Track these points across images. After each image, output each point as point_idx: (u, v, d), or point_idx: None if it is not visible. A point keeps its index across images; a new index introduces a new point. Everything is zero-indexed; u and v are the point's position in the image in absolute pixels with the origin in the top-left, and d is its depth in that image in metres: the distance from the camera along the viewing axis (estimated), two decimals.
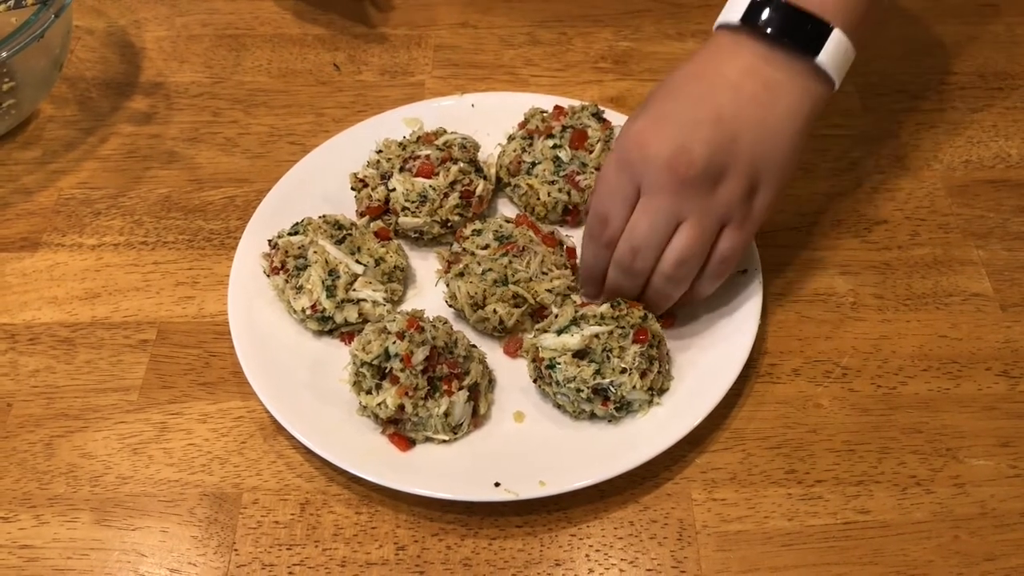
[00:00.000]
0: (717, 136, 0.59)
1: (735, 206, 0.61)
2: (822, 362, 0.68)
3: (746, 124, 0.60)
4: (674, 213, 0.60)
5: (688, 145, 0.59)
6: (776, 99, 0.60)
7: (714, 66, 0.62)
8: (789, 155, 0.61)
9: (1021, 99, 0.85)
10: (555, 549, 0.59)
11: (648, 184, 0.60)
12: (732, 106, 0.60)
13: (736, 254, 0.63)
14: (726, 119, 0.59)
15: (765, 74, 0.60)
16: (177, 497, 0.62)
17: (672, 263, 0.61)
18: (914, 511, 0.60)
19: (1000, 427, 0.64)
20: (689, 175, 0.59)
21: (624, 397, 0.61)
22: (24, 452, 0.64)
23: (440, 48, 0.91)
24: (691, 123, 0.60)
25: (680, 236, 0.61)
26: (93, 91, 0.88)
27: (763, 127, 0.60)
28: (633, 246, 0.62)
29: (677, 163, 0.59)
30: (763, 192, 0.61)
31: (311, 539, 0.60)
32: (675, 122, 0.60)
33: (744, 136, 0.60)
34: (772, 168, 0.61)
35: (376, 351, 0.61)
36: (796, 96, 0.61)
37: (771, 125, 0.60)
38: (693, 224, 0.60)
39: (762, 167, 0.61)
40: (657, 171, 0.59)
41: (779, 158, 0.61)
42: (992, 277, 0.72)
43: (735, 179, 0.60)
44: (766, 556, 0.59)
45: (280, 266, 0.68)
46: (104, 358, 0.69)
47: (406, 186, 0.72)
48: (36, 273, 0.74)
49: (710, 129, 0.59)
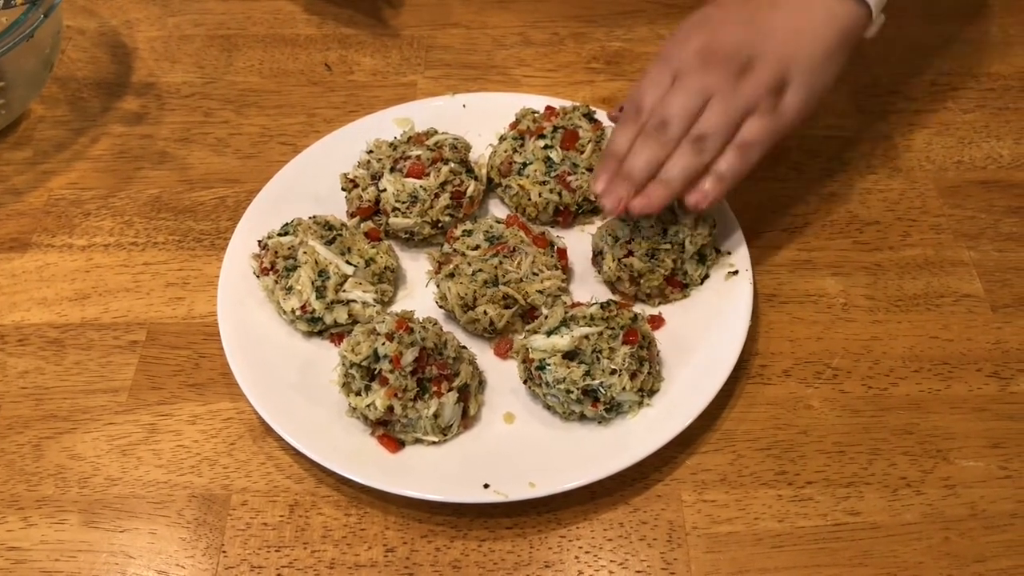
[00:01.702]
0: (748, 31, 0.65)
1: (761, 95, 0.64)
2: (813, 363, 0.67)
3: (779, 25, 0.65)
4: (702, 91, 0.64)
5: (719, 33, 0.65)
6: (808, 10, 0.65)
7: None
8: (821, 58, 0.65)
9: (1013, 100, 0.85)
10: (545, 551, 0.59)
11: (681, 70, 0.65)
12: (767, 12, 0.66)
13: (757, 141, 0.64)
14: (759, 20, 0.65)
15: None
16: (166, 499, 0.62)
17: (695, 134, 0.64)
18: (904, 512, 0.60)
19: (991, 428, 0.64)
20: (715, 57, 0.64)
21: (614, 398, 0.61)
22: (12, 454, 0.64)
23: (432, 48, 0.91)
24: (726, 22, 0.66)
25: (706, 111, 0.64)
26: (84, 91, 0.88)
27: (795, 29, 0.65)
28: (663, 117, 0.64)
29: (707, 49, 0.64)
30: (793, 90, 0.64)
31: (300, 541, 0.60)
32: (712, 23, 0.66)
33: (775, 34, 0.65)
34: (802, 66, 0.64)
35: (365, 352, 0.61)
36: (827, 10, 0.65)
37: (803, 28, 0.65)
38: (719, 101, 0.64)
39: (792, 64, 0.64)
40: (689, 57, 0.65)
41: (809, 58, 0.65)
42: (983, 278, 0.72)
43: (762, 69, 0.64)
44: (756, 558, 0.59)
45: (270, 267, 0.68)
46: (93, 359, 0.69)
47: (396, 187, 0.71)
48: (25, 274, 0.74)
49: (743, 26, 0.65)
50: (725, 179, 0.64)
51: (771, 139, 0.65)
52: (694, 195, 0.64)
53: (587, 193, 0.73)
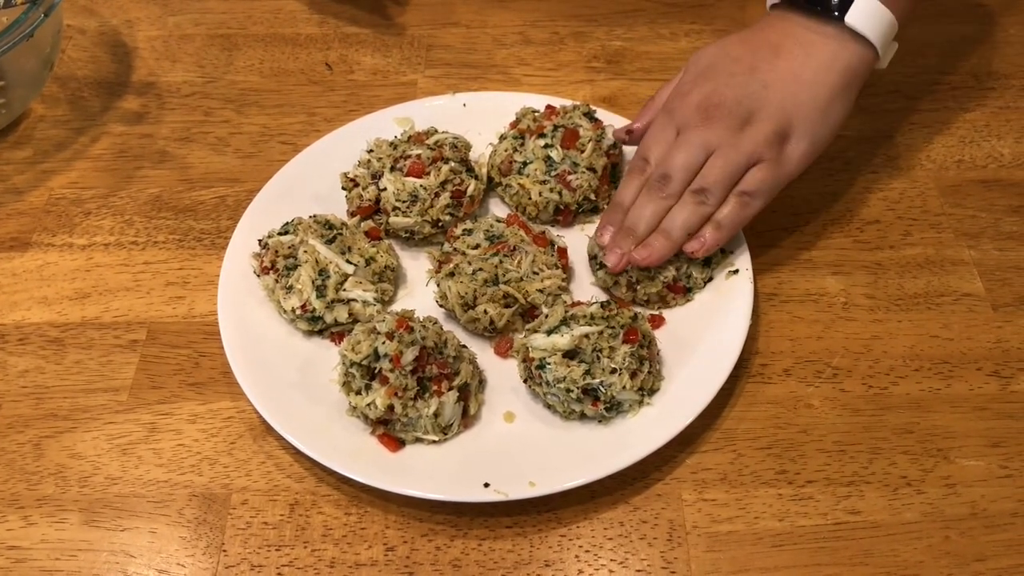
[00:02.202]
0: (749, 83, 0.66)
1: (763, 146, 0.65)
2: (813, 362, 0.67)
3: (779, 75, 0.66)
4: (704, 145, 0.66)
5: (719, 87, 0.66)
6: (810, 56, 0.66)
7: (758, 32, 0.69)
8: (822, 106, 0.66)
9: (1013, 99, 0.85)
10: (545, 550, 0.59)
11: (683, 124, 0.67)
12: (768, 61, 0.66)
13: (758, 191, 0.66)
14: (760, 71, 0.66)
15: (802, 37, 0.67)
16: (166, 498, 0.62)
17: (697, 187, 0.66)
18: (905, 512, 0.60)
19: (991, 427, 0.64)
20: (718, 113, 0.65)
21: (614, 397, 0.61)
22: (13, 453, 0.64)
23: (432, 48, 0.91)
24: (727, 75, 0.67)
25: (707, 165, 0.66)
26: (84, 91, 0.88)
27: (796, 78, 0.65)
28: (665, 172, 0.67)
29: (708, 102, 0.66)
30: (796, 140, 0.66)
31: (300, 540, 0.60)
32: (715, 76, 0.67)
33: (775, 85, 0.65)
34: (804, 117, 0.65)
35: (365, 351, 0.61)
36: (830, 53, 0.66)
37: (804, 77, 0.65)
38: (720, 155, 0.65)
39: (793, 115, 0.65)
40: (691, 111, 0.67)
41: (812, 106, 0.65)
42: (984, 277, 0.72)
43: (764, 122, 0.65)
44: (756, 557, 0.59)
45: (270, 266, 0.68)
46: (94, 358, 0.69)
47: (397, 186, 0.71)
48: (26, 273, 0.74)
49: (743, 78, 0.66)
50: (724, 228, 0.67)
51: (773, 189, 0.67)
52: (693, 243, 0.67)
53: (587, 192, 0.73)
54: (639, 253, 0.66)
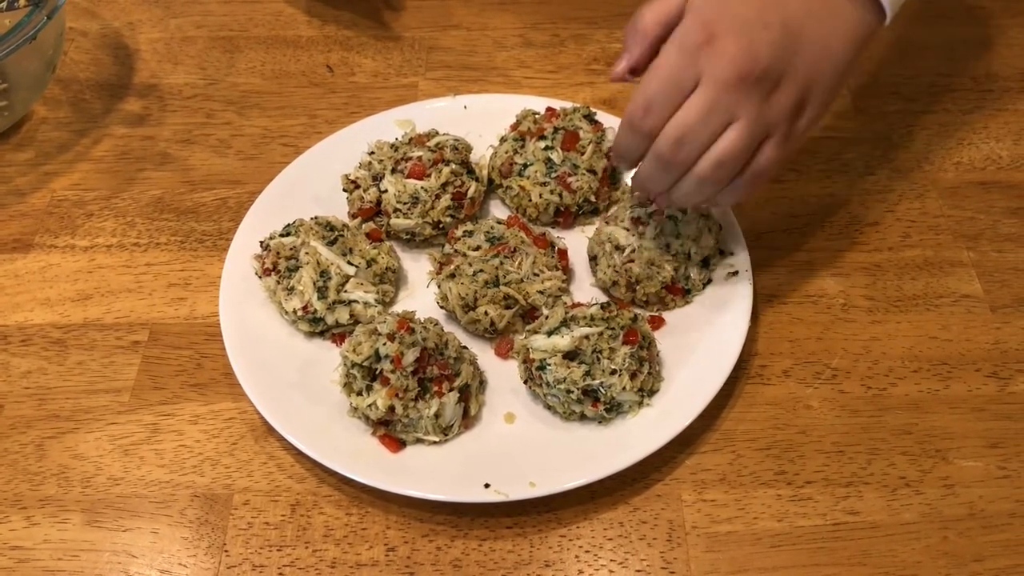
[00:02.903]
0: (783, 43, 0.59)
1: (782, 119, 0.60)
2: (812, 363, 0.68)
3: (809, 40, 0.60)
4: (728, 110, 0.58)
5: (756, 44, 0.58)
6: (837, 22, 0.61)
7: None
8: (839, 80, 0.62)
9: (1012, 101, 0.85)
10: (545, 550, 0.60)
11: (710, 76, 0.58)
12: (799, 17, 0.60)
13: (770, 171, 0.61)
14: (792, 29, 0.59)
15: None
16: (168, 498, 0.62)
17: (711, 162, 0.59)
18: (903, 512, 0.60)
19: (989, 428, 0.64)
20: (752, 75, 0.58)
21: (614, 398, 0.61)
22: (15, 453, 0.64)
23: (433, 50, 0.91)
24: (760, 23, 0.59)
25: (727, 136, 0.59)
26: (86, 93, 0.88)
27: (824, 47, 0.61)
28: (680, 136, 0.59)
29: (743, 60, 0.57)
30: (809, 110, 0.62)
31: (301, 540, 0.60)
32: (744, 17, 0.59)
33: (806, 51, 0.60)
34: (823, 88, 0.61)
35: (366, 352, 0.61)
36: (854, 22, 0.62)
37: (831, 46, 0.61)
38: (742, 126, 0.59)
39: (815, 85, 0.61)
40: (722, 64, 0.57)
41: (831, 79, 0.62)
42: (982, 278, 0.72)
43: (789, 90, 0.60)
44: (755, 557, 0.59)
45: (272, 267, 0.69)
46: (96, 359, 0.69)
47: (398, 187, 0.72)
48: (28, 274, 0.74)
49: (778, 34, 0.59)
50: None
51: (781, 166, 0.64)
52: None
53: (587, 194, 0.73)
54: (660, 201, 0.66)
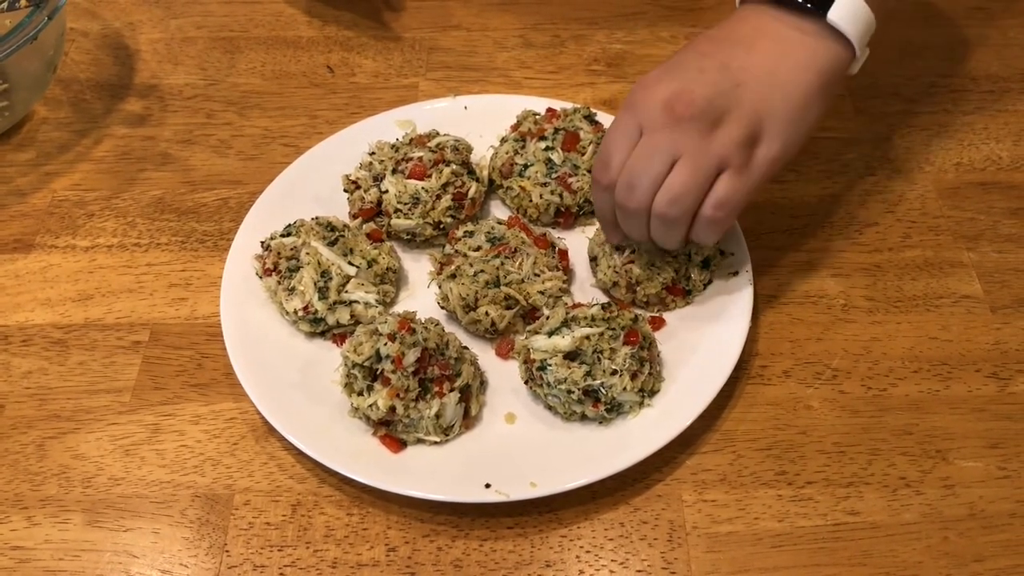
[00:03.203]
0: (720, 81, 0.60)
1: (733, 150, 0.60)
2: (813, 364, 0.68)
3: (753, 73, 0.60)
4: (670, 150, 0.60)
5: (689, 87, 0.60)
6: (787, 53, 0.61)
7: (729, 28, 0.63)
8: (798, 108, 0.61)
9: (1012, 102, 0.85)
10: (546, 550, 0.60)
11: (647, 124, 0.61)
12: (741, 58, 0.61)
13: (732, 200, 0.61)
14: (733, 68, 0.60)
15: (778, 33, 0.61)
16: (169, 498, 0.62)
17: (665, 201, 0.60)
18: (904, 512, 0.61)
19: (990, 428, 0.64)
20: (686, 113, 0.59)
21: (615, 399, 0.61)
22: (16, 453, 0.64)
23: (434, 51, 0.91)
24: (696, 71, 0.60)
25: (674, 173, 0.60)
26: (87, 93, 0.88)
27: (771, 77, 0.60)
28: (628, 182, 0.61)
29: (675, 102, 0.59)
30: (767, 143, 0.61)
31: (302, 540, 0.60)
32: (682, 70, 0.61)
33: (749, 84, 0.60)
34: (777, 118, 0.60)
35: (367, 353, 0.61)
36: (808, 52, 0.61)
37: (780, 76, 0.61)
38: (687, 161, 0.59)
39: (766, 116, 0.60)
40: (656, 110, 0.60)
41: (785, 109, 0.61)
42: (982, 279, 0.72)
43: (734, 123, 0.60)
44: (756, 557, 0.59)
45: (273, 268, 0.69)
46: (97, 359, 0.69)
47: (398, 188, 0.72)
48: (29, 275, 0.74)
49: (714, 75, 0.60)
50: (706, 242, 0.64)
51: (744, 197, 0.61)
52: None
53: (588, 195, 0.73)
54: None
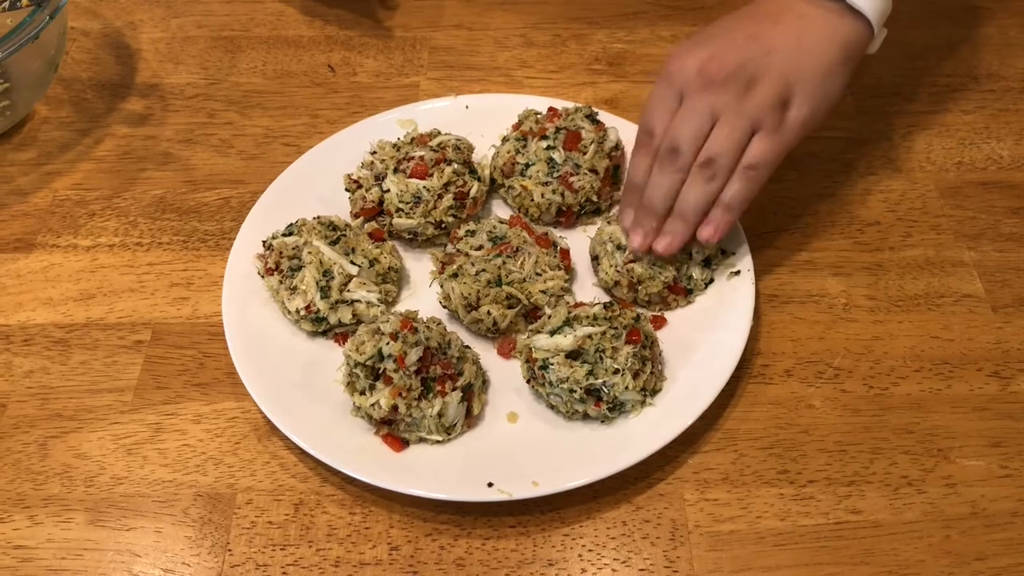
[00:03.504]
0: (750, 47, 0.64)
1: (767, 111, 0.64)
2: (814, 363, 0.68)
3: (781, 42, 0.64)
4: (709, 112, 0.64)
5: (721, 52, 0.64)
6: (810, 27, 0.65)
7: (754, 6, 0.68)
8: (823, 74, 0.65)
9: (1013, 101, 0.85)
10: (548, 549, 0.60)
11: (685, 89, 0.65)
12: (768, 30, 0.65)
13: (765, 161, 0.64)
14: (761, 37, 0.65)
15: (801, 10, 0.66)
16: (171, 497, 0.62)
17: (705, 157, 0.64)
18: (905, 511, 0.61)
19: (991, 427, 0.64)
20: (720, 76, 0.63)
21: (617, 398, 0.61)
22: (19, 453, 0.64)
23: (435, 50, 0.91)
24: (726, 40, 0.65)
25: (714, 133, 0.64)
26: (88, 92, 0.88)
27: (798, 45, 0.64)
28: (672, 144, 0.65)
29: (709, 67, 0.64)
30: (797, 106, 0.64)
31: (305, 539, 0.60)
32: (712, 40, 0.66)
33: (778, 50, 0.64)
34: (806, 83, 0.64)
35: (370, 352, 0.61)
36: (830, 26, 0.65)
37: (805, 45, 0.65)
38: (725, 122, 0.64)
39: (795, 80, 0.64)
40: (692, 76, 0.64)
41: (812, 74, 0.64)
42: (983, 278, 0.72)
43: (767, 85, 0.64)
44: (758, 556, 0.59)
45: (274, 267, 0.69)
46: (99, 359, 0.69)
47: (400, 187, 0.72)
48: (31, 274, 0.74)
49: (744, 42, 0.65)
50: (734, 208, 0.65)
51: (777, 157, 0.65)
52: (706, 229, 0.66)
53: (589, 194, 0.73)
54: (660, 244, 0.67)
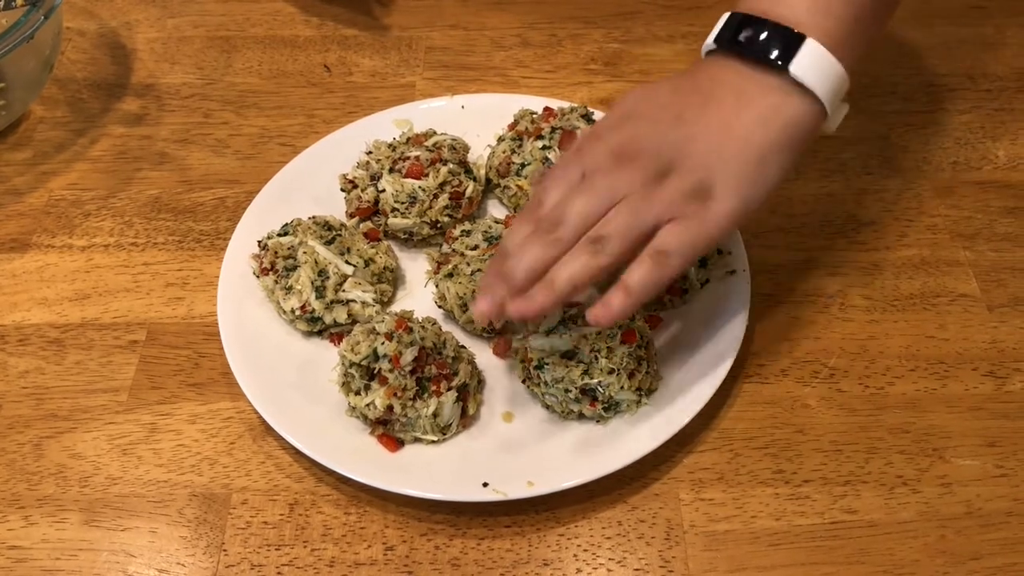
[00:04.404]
0: (672, 133, 0.57)
1: (679, 202, 0.56)
2: (810, 362, 0.68)
3: (707, 126, 0.57)
4: (609, 193, 0.56)
5: (638, 135, 0.57)
6: (745, 107, 0.58)
7: (690, 78, 0.60)
8: (755, 162, 0.57)
9: (1008, 101, 0.85)
10: (543, 549, 0.60)
11: (590, 168, 0.58)
12: (697, 110, 0.58)
13: (675, 250, 0.56)
14: (687, 120, 0.57)
15: (738, 85, 0.58)
16: (166, 497, 0.62)
17: (595, 234, 0.56)
18: (901, 511, 0.61)
19: (986, 427, 0.64)
20: (631, 160, 0.57)
21: (612, 397, 0.61)
22: (13, 453, 0.64)
23: (431, 50, 0.91)
24: (649, 121, 0.58)
25: (611, 212, 0.56)
26: (84, 92, 0.88)
27: (726, 131, 0.57)
28: (558, 215, 0.57)
29: (622, 149, 0.57)
30: (720, 198, 0.57)
31: (300, 539, 0.60)
32: (635, 120, 0.59)
33: (701, 136, 0.57)
34: (731, 173, 0.57)
35: (364, 352, 0.61)
36: (770, 108, 0.58)
37: (736, 130, 0.57)
38: (626, 204, 0.56)
39: (718, 170, 0.57)
40: (602, 156, 0.58)
41: (740, 163, 0.57)
42: (979, 278, 0.72)
43: (683, 175, 0.56)
44: (753, 556, 0.59)
45: (270, 267, 0.69)
46: (94, 359, 0.69)
47: (395, 187, 0.72)
48: (26, 274, 0.74)
49: (667, 126, 0.58)
50: (634, 293, 0.56)
51: (695, 248, 0.56)
52: (598, 308, 0.56)
53: None
54: (515, 304, 0.56)
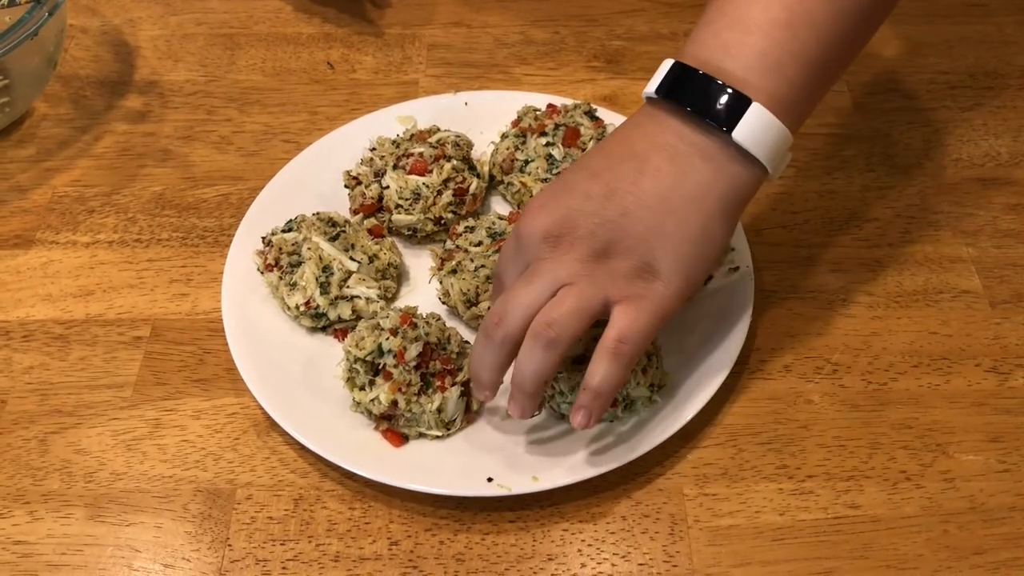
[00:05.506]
0: (605, 210, 0.55)
1: (623, 285, 0.54)
2: (813, 358, 0.68)
3: (642, 199, 0.55)
4: (550, 281, 0.55)
5: (571, 216, 0.55)
6: (684, 176, 0.55)
7: (625, 137, 0.58)
8: (694, 238, 0.55)
9: (1011, 98, 0.85)
10: (548, 544, 0.60)
11: (530, 256, 0.56)
12: (631, 179, 0.55)
13: (633, 336, 0.54)
14: (620, 193, 0.55)
15: (676, 149, 0.55)
16: (171, 493, 0.62)
17: (543, 322, 0.54)
18: (904, 506, 0.61)
19: (989, 422, 0.64)
20: (568, 243, 0.55)
21: (629, 395, 0.61)
22: (18, 448, 0.64)
23: (434, 47, 0.91)
24: (582, 196, 0.56)
25: (556, 297, 0.54)
26: (87, 89, 0.88)
27: (663, 206, 0.55)
28: (498, 315, 0.56)
29: (557, 231, 0.55)
30: (665, 278, 0.55)
31: (305, 534, 0.60)
32: (567, 195, 0.56)
33: (636, 213, 0.55)
34: (672, 250, 0.55)
35: (369, 347, 0.61)
36: (708, 176, 0.55)
37: (673, 203, 0.55)
38: (572, 289, 0.54)
39: (659, 249, 0.55)
40: (537, 245, 0.56)
41: (679, 239, 0.55)
42: (982, 274, 0.73)
43: (623, 256, 0.55)
44: (757, 550, 0.59)
45: (274, 263, 0.69)
46: (98, 355, 0.69)
47: (399, 184, 0.72)
48: (30, 271, 0.74)
49: (599, 202, 0.55)
50: (604, 393, 0.55)
51: (649, 328, 0.55)
52: (578, 415, 0.56)
53: None
54: (511, 410, 0.58)
